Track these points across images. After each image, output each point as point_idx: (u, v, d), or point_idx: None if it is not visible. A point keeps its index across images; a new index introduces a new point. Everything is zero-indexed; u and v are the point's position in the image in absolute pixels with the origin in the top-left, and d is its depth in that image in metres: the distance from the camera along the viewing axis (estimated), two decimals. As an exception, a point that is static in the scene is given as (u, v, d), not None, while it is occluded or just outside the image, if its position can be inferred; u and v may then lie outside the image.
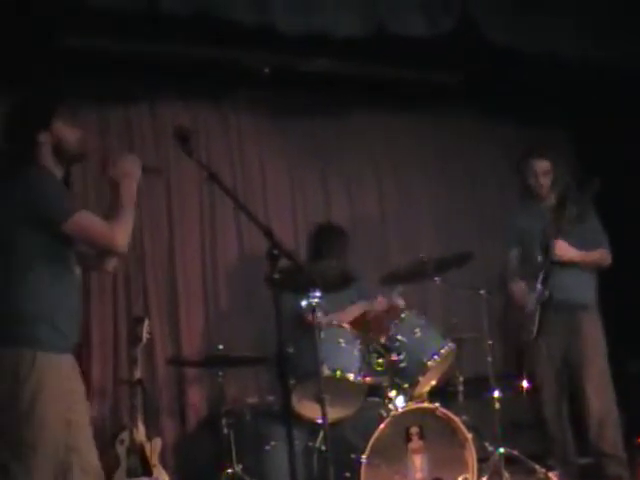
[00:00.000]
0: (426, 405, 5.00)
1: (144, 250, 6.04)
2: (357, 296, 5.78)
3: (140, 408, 5.30)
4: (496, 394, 5.45)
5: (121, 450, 5.26)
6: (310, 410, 4.76)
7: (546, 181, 5.78)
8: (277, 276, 3.66)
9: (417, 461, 4.88)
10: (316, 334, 4.39)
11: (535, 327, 5.56)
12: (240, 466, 5.22)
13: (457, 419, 4.93)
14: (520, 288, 5.70)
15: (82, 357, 5.76)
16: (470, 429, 4.98)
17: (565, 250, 5.55)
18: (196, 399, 6.05)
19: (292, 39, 5.26)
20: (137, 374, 5.31)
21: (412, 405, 4.94)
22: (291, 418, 4.17)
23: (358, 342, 5.05)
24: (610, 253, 5.76)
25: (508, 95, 6.81)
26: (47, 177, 3.59)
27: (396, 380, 5.07)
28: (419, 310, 5.45)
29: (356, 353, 4.97)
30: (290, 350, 4.79)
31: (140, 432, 5.27)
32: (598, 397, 5.62)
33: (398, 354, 5.08)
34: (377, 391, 5.09)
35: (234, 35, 5.32)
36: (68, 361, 3.60)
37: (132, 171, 3.69)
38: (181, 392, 6.05)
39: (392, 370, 5.09)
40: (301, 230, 6.60)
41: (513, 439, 5.51)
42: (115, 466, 5.23)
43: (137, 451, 5.25)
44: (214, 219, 6.32)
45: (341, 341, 4.95)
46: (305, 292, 4.54)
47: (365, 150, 7.00)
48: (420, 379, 5.08)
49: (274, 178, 6.66)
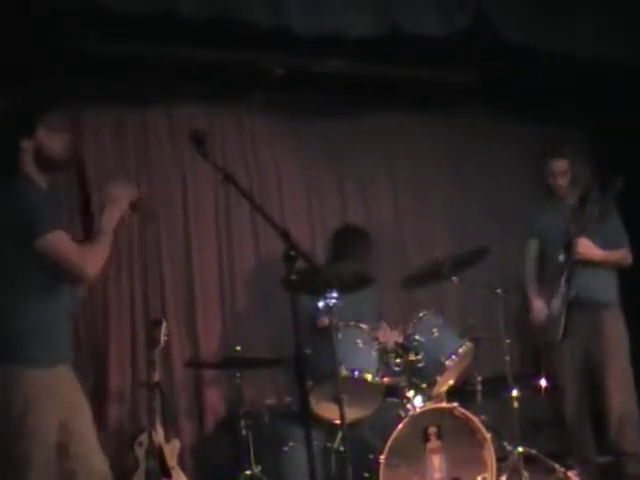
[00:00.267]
0: (444, 405, 4.99)
1: (161, 252, 6.05)
2: (372, 299, 5.78)
3: (158, 410, 5.31)
4: (514, 393, 5.45)
5: (140, 452, 5.27)
6: (328, 411, 4.76)
7: (564, 181, 5.76)
8: (294, 278, 3.66)
9: (435, 461, 4.87)
10: (334, 335, 4.39)
11: (561, 329, 5.55)
12: (259, 467, 5.23)
13: (475, 419, 4.92)
14: (540, 307, 5.70)
15: (100, 360, 5.80)
16: (489, 429, 4.97)
17: (588, 248, 5.53)
18: (214, 401, 6.06)
19: (306, 40, 5.26)
20: (155, 377, 5.33)
21: (430, 405, 4.93)
22: (309, 419, 4.17)
23: (375, 343, 5.06)
24: (631, 253, 5.74)
25: (523, 94, 6.77)
26: (27, 188, 3.51)
27: (414, 380, 5.07)
28: (436, 310, 5.43)
29: (374, 354, 4.97)
30: (307, 351, 4.80)
31: (159, 434, 5.28)
32: (619, 395, 5.60)
33: (416, 354, 5.08)
34: (395, 391, 5.09)
35: (248, 37, 5.32)
36: (61, 373, 3.54)
37: (119, 199, 3.65)
38: (199, 394, 6.05)
39: (410, 370, 5.09)
40: (317, 231, 6.60)
41: (532, 438, 5.50)
42: (134, 468, 5.25)
43: (156, 453, 5.26)
44: (230, 221, 6.32)
45: (359, 342, 4.96)
46: (322, 293, 4.54)
47: (380, 150, 6.98)
48: (438, 379, 5.08)
49: (289, 179, 6.65)
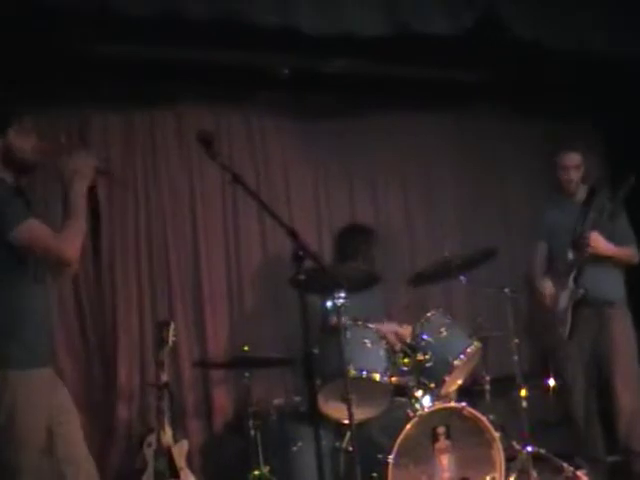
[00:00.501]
0: (453, 405, 4.98)
1: (169, 253, 6.05)
2: (380, 298, 5.78)
3: (167, 411, 5.32)
4: (523, 393, 5.44)
5: (149, 453, 5.28)
6: (336, 411, 4.75)
7: (576, 175, 5.74)
8: (302, 277, 3.66)
9: (444, 461, 4.86)
10: (342, 335, 4.39)
11: (568, 327, 5.54)
12: (267, 467, 5.24)
13: (484, 418, 4.91)
14: (549, 286, 5.67)
15: (109, 361, 5.81)
16: (497, 428, 4.96)
17: (599, 242, 5.51)
18: (222, 401, 6.06)
19: (314, 40, 5.26)
20: (164, 377, 5.33)
21: (439, 405, 4.92)
22: (318, 419, 4.16)
23: (384, 342, 5.05)
24: (638, 252, 5.72)
25: (534, 92, 6.76)
26: None
27: (422, 380, 5.05)
28: (444, 309, 5.43)
29: (382, 353, 4.96)
30: (315, 351, 4.79)
31: (167, 435, 5.29)
32: (627, 395, 5.59)
33: (424, 353, 5.07)
34: (403, 391, 5.08)
35: (256, 38, 5.32)
36: (44, 376, 3.53)
37: (82, 170, 3.60)
38: (207, 394, 6.06)
39: (418, 370, 5.08)
40: (325, 231, 6.60)
41: (541, 438, 5.49)
42: (143, 469, 5.26)
43: (164, 454, 5.26)
44: (238, 221, 6.33)
45: (367, 341, 4.95)
46: (330, 293, 4.54)
47: (388, 150, 6.97)
48: (446, 378, 5.07)
49: (297, 179, 6.65)
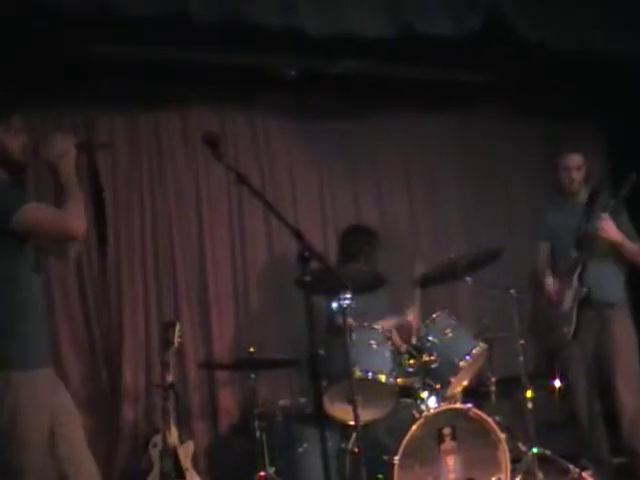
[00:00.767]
0: (458, 406, 4.97)
1: (174, 254, 6.06)
2: (385, 299, 5.77)
3: (173, 412, 5.32)
4: (529, 394, 5.43)
5: (154, 453, 5.29)
6: (342, 412, 4.75)
7: (578, 175, 5.74)
8: (308, 278, 3.66)
9: (450, 462, 4.86)
10: (347, 336, 4.38)
11: (572, 327, 5.53)
12: (272, 468, 5.23)
13: (490, 419, 4.90)
14: (554, 284, 5.67)
15: (114, 362, 5.81)
16: (503, 429, 4.96)
17: (611, 228, 5.49)
18: (228, 402, 6.07)
19: (318, 41, 5.27)
20: (169, 378, 5.33)
21: (444, 406, 4.92)
22: (323, 420, 4.17)
23: (389, 343, 5.05)
24: None
25: (538, 93, 6.77)
26: None
27: (428, 381, 5.05)
28: (450, 310, 5.42)
29: (387, 354, 4.96)
30: (321, 352, 4.79)
31: (173, 435, 5.29)
32: (630, 397, 5.59)
33: (429, 355, 5.08)
34: (409, 392, 5.08)
35: (261, 39, 5.33)
36: (45, 376, 3.54)
37: (66, 150, 3.63)
38: (213, 395, 6.07)
39: (424, 371, 5.08)
40: (330, 232, 6.60)
41: (546, 439, 5.48)
42: (148, 469, 5.27)
43: (170, 454, 5.27)
44: (243, 222, 6.33)
45: (372, 342, 4.95)
46: (335, 294, 4.53)
47: (393, 151, 6.98)
48: (452, 380, 5.06)
49: (303, 180, 6.66)
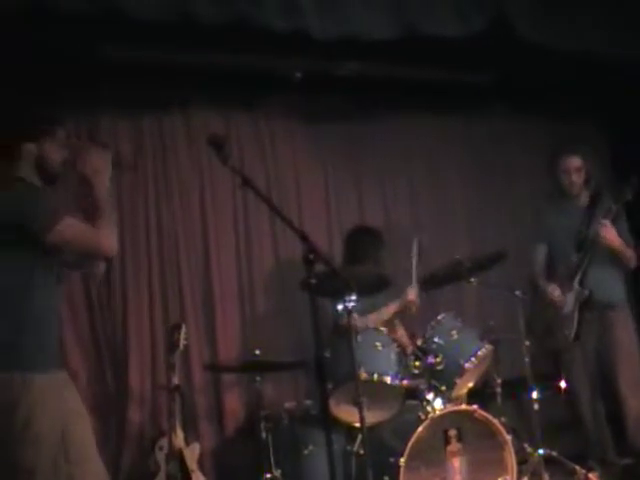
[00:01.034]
0: (464, 407, 4.98)
1: (179, 256, 6.06)
2: (391, 300, 5.77)
3: (178, 414, 5.32)
4: (534, 395, 5.43)
5: (160, 456, 5.29)
6: (348, 414, 4.75)
7: (578, 178, 5.75)
8: (313, 281, 3.66)
9: (456, 464, 4.86)
10: (353, 338, 4.38)
11: (574, 329, 5.54)
12: (279, 471, 5.22)
13: (496, 421, 4.90)
14: (554, 288, 5.67)
15: (120, 364, 5.82)
16: (509, 431, 4.96)
17: (611, 233, 5.50)
18: (234, 404, 6.07)
19: (323, 43, 5.26)
20: (175, 380, 5.34)
21: (450, 407, 4.92)
22: (329, 422, 4.16)
23: (395, 345, 5.05)
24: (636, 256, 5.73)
25: (541, 94, 6.77)
26: (27, 187, 3.55)
27: (433, 383, 5.06)
28: (455, 312, 5.42)
29: (393, 356, 4.96)
30: (327, 354, 4.79)
31: (179, 438, 5.29)
32: (633, 398, 5.61)
33: (435, 356, 5.08)
34: (415, 394, 5.08)
35: (266, 41, 5.33)
36: (59, 379, 3.55)
37: (102, 166, 3.64)
38: (219, 397, 6.06)
39: (429, 373, 5.08)
40: (335, 234, 6.60)
41: (552, 440, 5.48)
42: (155, 472, 5.27)
43: (176, 457, 5.27)
44: (249, 225, 6.33)
45: (378, 344, 4.95)
46: (341, 296, 4.53)
47: (398, 152, 6.97)
48: (457, 381, 5.07)
49: (308, 182, 6.66)
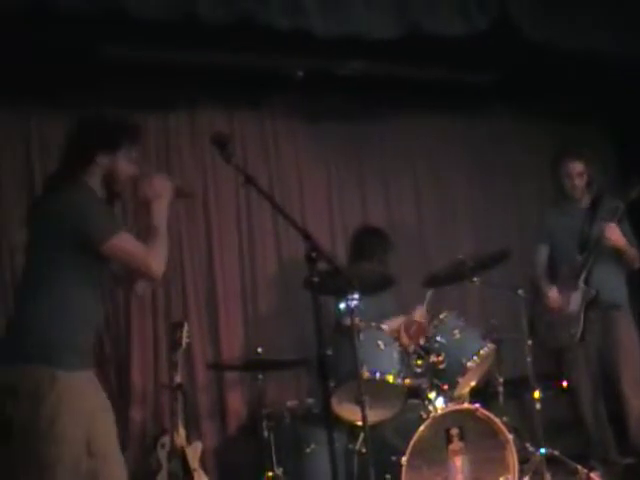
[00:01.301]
0: (466, 406, 4.98)
1: (183, 255, 6.06)
2: (394, 300, 5.78)
3: (181, 412, 5.33)
4: (537, 394, 5.43)
5: (162, 454, 5.29)
6: (350, 412, 4.76)
7: (580, 182, 5.76)
8: (316, 279, 3.67)
9: (458, 462, 4.86)
10: (355, 337, 4.39)
11: (580, 329, 5.54)
12: (280, 469, 5.22)
13: (498, 420, 4.90)
14: (555, 294, 5.68)
15: (122, 362, 5.82)
16: (511, 430, 4.96)
17: (616, 233, 5.50)
18: (236, 403, 6.07)
19: (326, 42, 5.27)
20: (177, 378, 5.34)
21: (452, 406, 4.93)
22: (331, 421, 4.17)
23: (397, 344, 5.06)
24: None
25: (544, 94, 6.77)
26: (92, 196, 3.61)
27: (436, 381, 5.07)
28: (458, 311, 5.43)
29: (395, 355, 4.97)
30: (329, 353, 4.80)
31: (181, 436, 5.30)
32: (636, 397, 5.60)
33: (437, 355, 5.08)
34: (417, 393, 5.08)
35: (269, 40, 5.34)
36: (86, 379, 3.59)
37: (163, 193, 3.71)
38: (221, 396, 6.07)
39: (431, 371, 5.09)
40: (338, 233, 6.61)
41: (554, 439, 5.48)
42: (157, 470, 5.27)
43: (178, 455, 5.27)
44: (252, 223, 6.34)
45: (380, 343, 4.95)
46: (344, 295, 4.54)
47: (401, 151, 6.98)
48: (460, 380, 5.07)
49: (311, 181, 6.67)
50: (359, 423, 4.54)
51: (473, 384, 5.34)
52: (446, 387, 5.06)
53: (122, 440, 5.62)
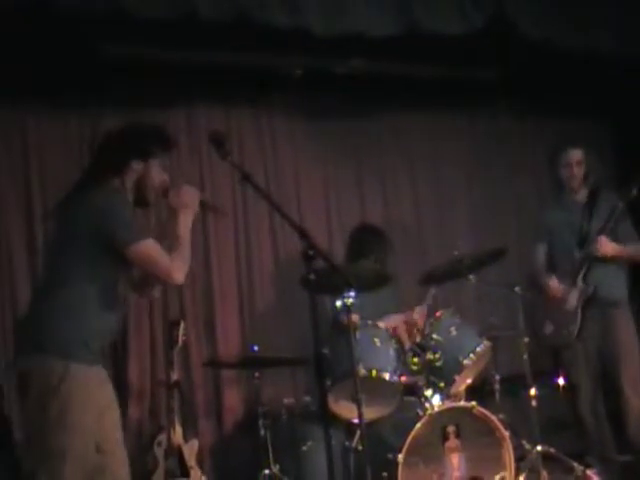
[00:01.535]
0: (463, 404, 4.98)
1: (179, 253, 6.05)
2: (393, 298, 5.78)
3: (177, 410, 5.35)
4: (533, 392, 5.44)
5: (159, 452, 5.30)
6: (347, 410, 4.76)
7: (579, 171, 5.74)
8: (312, 277, 3.67)
9: (454, 460, 4.86)
10: (351, 334, 4.39)
11: (577, 326, 5.54)
12: (277, 467, 5.24)
13: (494, 418, 4.91)
14: (556, 283, 5.68)
15: (119, 360, 5.82)
16: (507, 427, 4.96)
17: (608, 247, 5.52)
18: (232, 400, 6.08)
19: (325, 41, 5.28)
20: (174, 376, 5.36)
21: (448, 404, 4.93)
22: (328, 418, 4.17)
23: (393, 342, 5.06)
24: None
25: (544, 91, 6.76)
26: (122, 199, 3.64)
27: (432, 379, 5.06)
28: (454, 309, 5.43)
29: (392, 353, 4.96)
30: (325, 351, 4.80)
31: (178, 434, 5.31)
32: (636, 396, 5.59)
33: (434, 353, 5.08)
34: (413, 390, 5.08)
35: (267, 38, 5.34)
36: (98, 373, 3.63)
37: (190, 203, 3.75)
38: (218, 394, 6.08)
39: (428, 369, 5.09)
40: (335, 231, 6.61)
41: (551, 437, 5.49)
42: (153, 468, 5.29)
43: (175, 453, 5.29)
44: (248, 221, 6.34)
45: (376, 341, 4.95)
46: (340, 292, 4.54)
47: (399, 149, 6.99)
48: (456, 378, 5.07)
49: (308, 179, 6.66)
50: (356, 421, 4.53)
51: (469, 382, 5.32)
52: (442, 385, 5.05)
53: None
